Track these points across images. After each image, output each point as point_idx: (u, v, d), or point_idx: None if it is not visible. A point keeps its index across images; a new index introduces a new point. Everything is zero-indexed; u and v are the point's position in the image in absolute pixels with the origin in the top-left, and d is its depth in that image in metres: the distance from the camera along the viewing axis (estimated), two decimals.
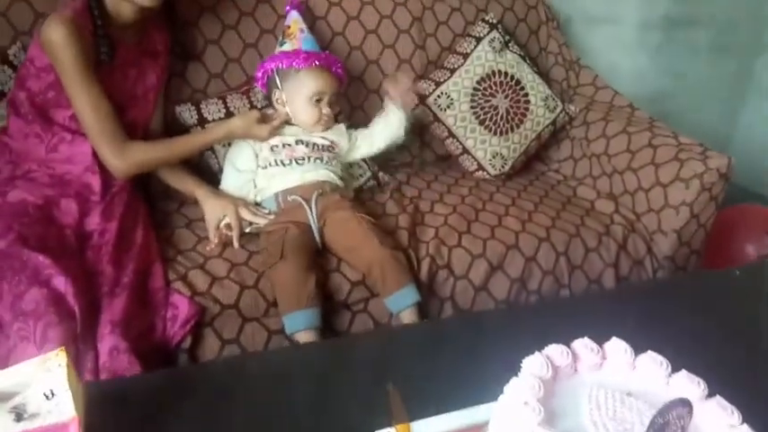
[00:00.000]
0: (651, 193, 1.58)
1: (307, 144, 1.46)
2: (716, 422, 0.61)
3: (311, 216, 1.36)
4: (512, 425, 0.60)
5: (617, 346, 0.69)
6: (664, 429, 0.56)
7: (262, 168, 1.45)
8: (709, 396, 0.64)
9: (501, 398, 0.66)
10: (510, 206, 1.59)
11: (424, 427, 0.72)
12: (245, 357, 1.10)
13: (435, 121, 1.72)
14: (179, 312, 1.17)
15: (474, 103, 1.72)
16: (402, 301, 1.30)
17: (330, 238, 1.37)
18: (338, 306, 1.34)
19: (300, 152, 1.45)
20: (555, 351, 0.66)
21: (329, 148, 1.50)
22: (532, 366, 0.64)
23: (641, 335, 0.78)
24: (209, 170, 1.52)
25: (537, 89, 1.77)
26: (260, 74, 1.49)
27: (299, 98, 1.44)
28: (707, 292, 1.08)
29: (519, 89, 1.75)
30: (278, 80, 1.46)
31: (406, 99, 1.52)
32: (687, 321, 0.94)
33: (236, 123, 1.39)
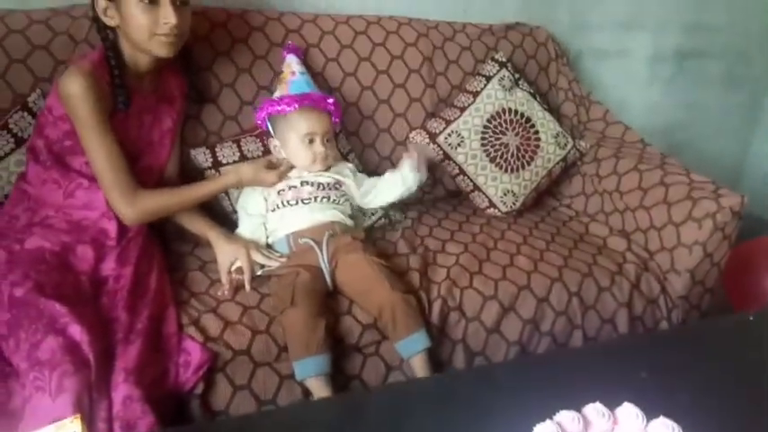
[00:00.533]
0: (664, 231, 1.57)
1: (312, 184, 1.48)
2: None
3: (322, 259, 1.37)
4: None
5: (628, 412, 0.68)
6: None
7: (271, 212, 1.46)
8: None
9: None
10: (521, 244, 1.59)
11: None
12: (257, 414, 1.10)
13: (446, 158, 1.73)
14: (191, 359, 1.18)
15: (484, 141, 1.73)
16: (412, 347, 1.29)
17: (341, 281, 1.37)
18: (349, 349, 1.34)
19: (306, 193, 1.47)
20: (566, 417, 0.66)
21: (335, 186, 1.51)
22: None
23: (653, 392, 0.78)
24: (221, 212, 1.54)
25: (547, 126, 1.78)
26: (258, 122, 1.52)
27: (291, 141, 1.46)
28: (721, 340, 1.07)
29: (529, 127, 1.76)
30: (270, 127, 1.49)
31: (422, 164, 1.54)
32: (702, 374, 0.93)
33: (244, 170, 1.42)
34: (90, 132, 1.22)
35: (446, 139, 1.72)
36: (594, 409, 0.67)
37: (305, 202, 1.46)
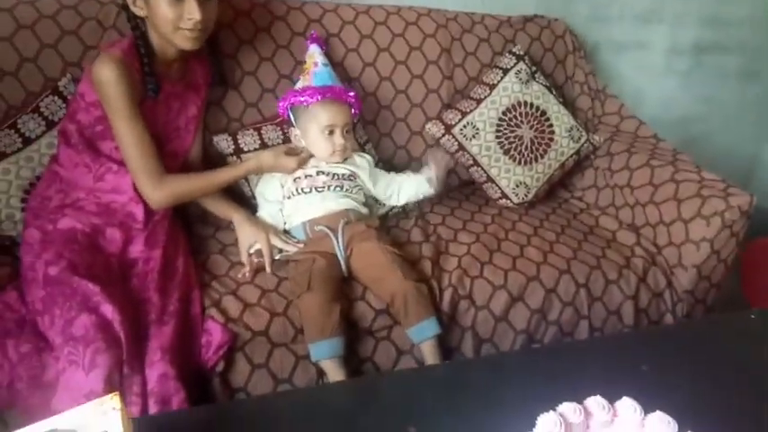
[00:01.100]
0: (672, 227, 1.60)
1: (327, 174, 1.53)
2: None
3: (338, 247, 1.42)
4: None
5: (627, 405, 0.73)
6: None
7: (287, 199, 1.51)
8: None
9: None
10: (532, 236, 1.62)
11: None
12: (279, 395, 1.16)
13: (460, 149, 1.76)
14: (213, 339, 1.24)
15: (499, 133, 1.76)
16: (423, 333, 1.35)
17: (356, 268, 1.42)
18: (362, 333, 1.40)
19: (320, 181, 1.51)
20: (568, 409, 0.70)
21: (350, 177, 1.55)
22: (547, 424, 0.68)
23: (652, 387, 0.82)
24: (242, 197, 1.59)
25: (562, 120, 1.81)
26: (280, 111, 1.56)
27: (311, 132, 1.51)
28: (722, 336, 1.11)
29: (544, 120, 1.79)
30: (292, 117, 1.53)
31: (440, 179, 1.57)
32: (701, 370, 0.97)
33: (265, 156, 1.47)
34: (120, 118, 1.27)
35: (461, 130, 1.75)
36: (595, 402, 0.72)
37: (319, 190, 1.51)
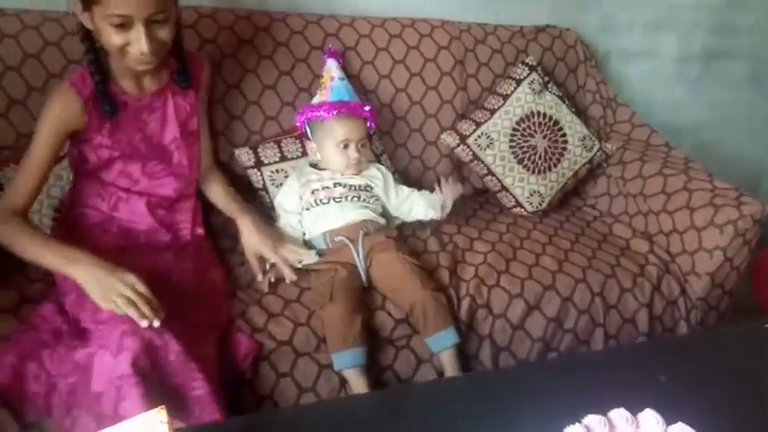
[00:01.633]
0: (686, 235, 1.62)
1: (344, 185, 1.56)
2: None
3: (357, 257, 1.45)
4: None
5: (650, 417, 0.75)
6: None
7: (306, 210, 1.55)
8: None
9: None
10: (547, 244, 1.65)
11: None
12: (312, 406, 1.22)
13: (475, 159, 1.79)
14: (241, 348, 1.27)
15: (513, 143, 1.79)
16: (442, 343, 1.38)
17: (375, 278, 1.46)
18: (383, 342, 1.43)
19: (338, 192, 1.55)
20: (594, 421, 0.73)
21: (366, 188, 1.59)
22: None
23: (672, 398, 0.85)
24: (262, 207, 1.63)
25: (575, 129, 1.83)
26: (297, 125, 1.60)
27: (327, 146, 1.55)
28: (737, 348, 1.13)
29: (557, 130, 1.82)
30: (308, 131, 1.56)
31: (451, 201, 1.61)
32: (718, 380, 1.00)
33: (97, 272, 1.15)
34: (34, 140, 1.23)
35: (476, 140, 1.78)
36: (619, 414, 0.75)
37: (336, 200, 1.54)
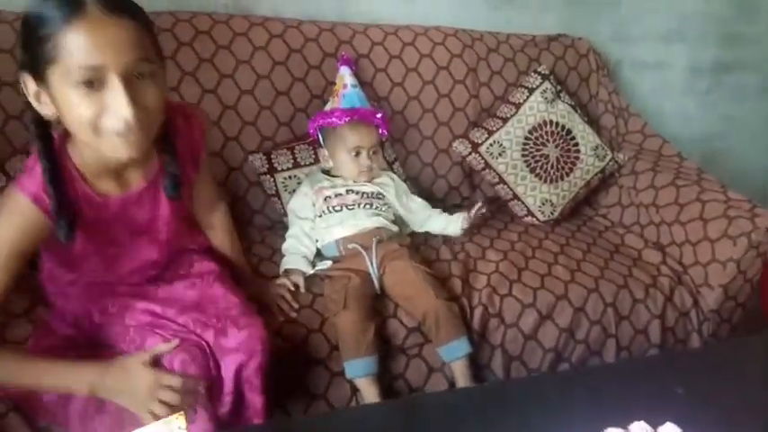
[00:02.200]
0: (699, 246, 1.62)
1: (356, 192, 1.56)
2: None
3: (370, 265, 1.45)
4: None
5: (671, 431, 0.75)
6: None
7: (318, 217, 1.55)
8: None
9: None
10: (559, 254, 1.64)
11: None
12: (327, 415, 1.22)
13: (486, 167, 1.79)
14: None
15: (525, 152, 1.79)
16: (454, 353, 1.37)
17: (388, 286, 1.45)
18: (394, 350, 1.42)
19: (350, 200, 1.55)
20: None
21: (378, 195, 1.59)
22: None
23: (690, 411, 0.85)
24: (275, 213, 1.64)
25: (587, 138, 1.83)
26: (310, 132, 1.60)
27: (339, 153, 1.55)
28: (752, 360, 1.13)
29: (569, 139, 1.81)
30: (321, 138, 1.56)
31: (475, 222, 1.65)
32: (734, 393, 0.99)
33: (108, 381, 1.01)
34: None
35: (488, 148, 1.78)
36: (640, 428, 0.74)
37: (349, 208, 1.54)
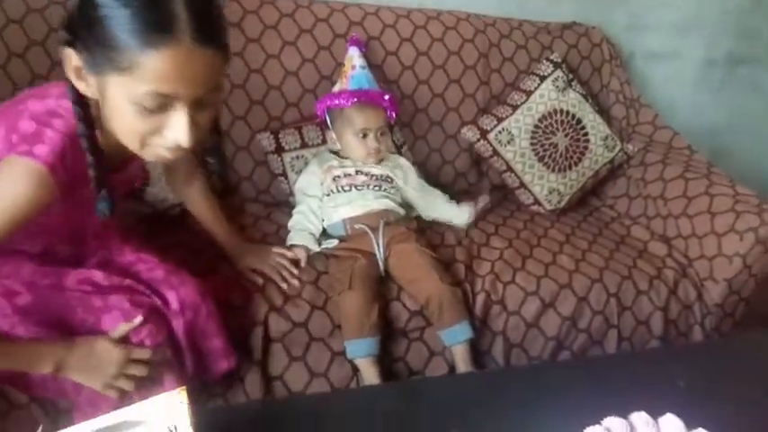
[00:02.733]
0: (705, 240, 1.61)
1: (366, 174, 1.56)
2: None
3: (377, 246, 1.45)
4: None
5: (671, 422, 0.75)
6: None
7: (326, 196, 1.55)
8: None
9: None
10: (564, 243, 1.64)
11: None
12: (328, 395, 1.22)
13: (495, 155, 1.78)
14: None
15: (534, 140, 1.78)
16: (456, 337, 1.38)
17: (393, 268, 1.45)
18: (396, 332, 1.43)
19: (360, 180, 1.55)
20: (614, 423, 0.73)
21: (387, 178, 1.58)
22: None
23: (691, 403, 0.85)
24: (281, 193, 1.64)
25: (597, 129, 1.82)
26: (318, 113, 1.60)
27: (346, 135, 1.54)
28: (755, 354, 1.13)
29: (579, 128, 1.80)
30: (328, 120, 1.56)
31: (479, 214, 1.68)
32: (735, 387, 0.99)
33: (74, 356, 1.00)
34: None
35: (497, 136, 1.77)
36: (640, 418, 0.74)
37: (358, 188, 1.54)
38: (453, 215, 1.65)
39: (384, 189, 1.56)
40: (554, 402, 0.89)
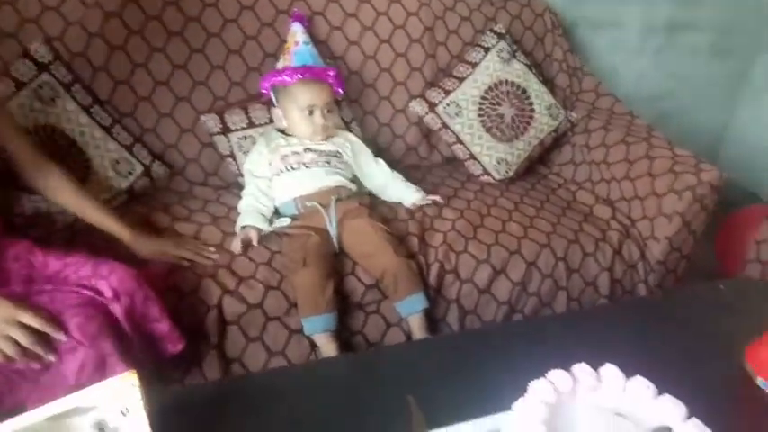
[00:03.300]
0: (646, 201, 1.68)
1: (314, 151, 1.55)
2: None
3: (329, 223, 1.46)
4: None
5: (610, 371, 0.79)
6: None
7: (276, 176, 1.54)
8: (687, 416, 0.75)
9: (509, 414, 0.76)
10: (513, 211, 1.68)
11: None
12: (282, 370, 1.23)
13: (444, 127, 1.80)
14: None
15: (481, 112, 1.80)
16: (411, 307, 1.41)
17: (347, 244, 1.46)
18: (352, 307, 1.45)
19: (308, 158, 1.54)
20: (558, 376, 0.76)
21: (336, 154, 1.58)
22: (539, 390, 0.74)
23: (631, 354, 0.89)
24: (229, 174, 1.62)
25: (542, 98, 1.86)
26: (263, 91, 1.57)
27: (292, 112, 1.53)
28: (694, 307, 1.19)
29: (524, 98, 1.83)
30: (274, 98, 1.54)
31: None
32: (675, 338, 1.05)
33: None
34: None
35: (445, 108, 1.79)
36: (582, 369, 0.78)
37: (307, 166, 1.53)
38: (403, 196, 1.64)
39: (334, 165, 1.56)
40: (503, 362, 0.93)
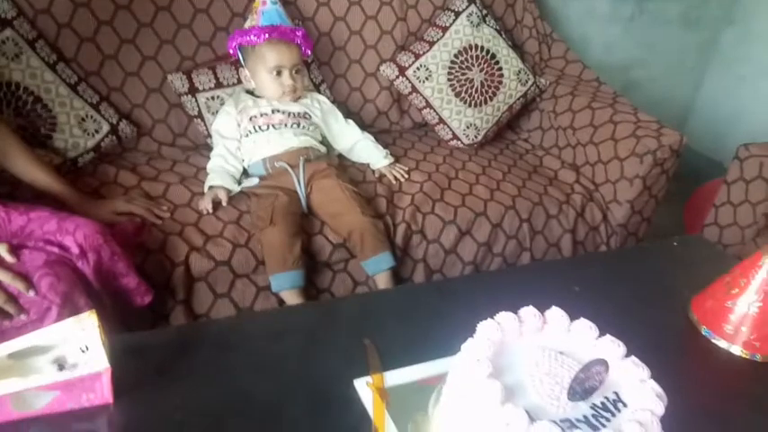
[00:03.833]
0: (609, 165, 1.72)
1: (283, 112, 1.56)
2: (629, 377, 0.76)
3: (298, 183, 1.47)
4: (466, 377, 0.74)
5: (555, 313, 0.83)
6: (584, 382, 0.70)
7: (244, 137, 1.54)
8: (626, 356, 0.79)
9: (458, 354, 0.80)
10: (480, 175, 1.71)
11: (396, 376, 0.86)
12: (244, 316, 1.24)
13: (414, 92, 1.81)
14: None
15: (451, 76, 1.81)
16: (378, 266, 1.44)
17: (315, 204, 1.48)
18: (320, 265, 1.47)
19: (277, 119, 1.55)
20: (505, 317, 0.80)
21: (305, 115, 1.59)
22: (486, 330, 0.77)
23: (581, 302, 0.93)
24: (198, 135, 1.62)
25: (511, 63, 1.87)
26: (230, 51, 1.56)
27: (260, 72, 1.53)
28: (648, 262, 1.23)
29: (494, 63, 1.85)
30: (241, 58, 1.54)
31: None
32: (625, 289, 1.09)
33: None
34: None
35: (415, 72, 1.80)
36: (528, 311, 0.81)
37: (276, 127, 1.54)
38: (371, 159, 1.66)
39: (302, 127, 1.57)
40: (458, 310, 0.95)
